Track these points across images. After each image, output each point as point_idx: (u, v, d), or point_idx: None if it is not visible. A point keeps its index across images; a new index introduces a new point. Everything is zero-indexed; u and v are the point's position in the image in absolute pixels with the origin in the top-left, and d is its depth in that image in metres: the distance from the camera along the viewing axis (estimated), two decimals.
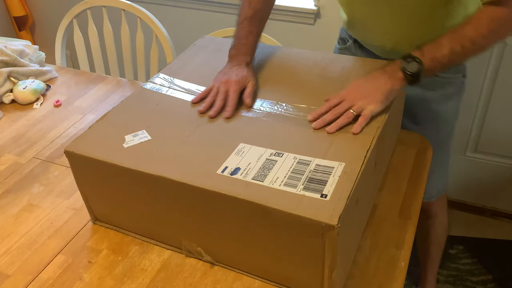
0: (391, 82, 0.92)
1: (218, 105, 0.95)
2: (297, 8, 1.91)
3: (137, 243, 0.92)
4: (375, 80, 0.93)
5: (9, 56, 1.40)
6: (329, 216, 0.69)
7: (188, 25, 2.19)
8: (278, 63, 1.12)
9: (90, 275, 0.86)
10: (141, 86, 1.06)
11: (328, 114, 0.89)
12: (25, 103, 1.36)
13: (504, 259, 1.81)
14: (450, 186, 2.00)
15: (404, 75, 0.92)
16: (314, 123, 0.88)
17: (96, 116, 1.29)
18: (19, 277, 0.87)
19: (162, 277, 0.85)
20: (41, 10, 2.55)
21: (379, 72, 0.94)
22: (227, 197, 0.75)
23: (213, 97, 0.97)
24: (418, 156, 1.10)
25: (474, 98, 1.78)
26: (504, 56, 1.66)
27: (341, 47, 1.32)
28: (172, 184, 0.79)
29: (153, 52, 1.69)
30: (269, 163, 0.81)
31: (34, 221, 0.98)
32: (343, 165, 0.79)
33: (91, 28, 1.73)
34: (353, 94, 0.91)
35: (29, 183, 1.08)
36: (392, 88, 0.91)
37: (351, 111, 0.89)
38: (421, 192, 1.01)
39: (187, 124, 0.92)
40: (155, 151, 0.86)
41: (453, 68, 1.17)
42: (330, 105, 0.91)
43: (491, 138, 1.84)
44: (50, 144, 1.20)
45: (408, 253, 0.88)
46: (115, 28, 1.75)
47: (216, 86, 1.00)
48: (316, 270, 0.75)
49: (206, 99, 0.98)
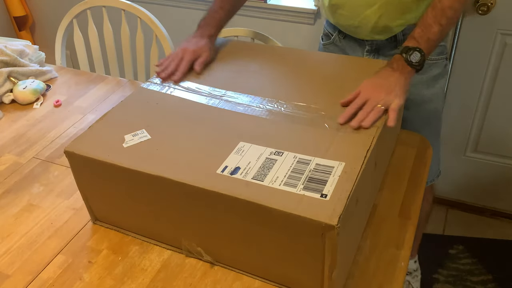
0: (403, 76, 0.97)
1: (171, 69, 1.07)
2: (297, 8, 1.91)
3: (137, 243, 0.92)
4: (390, 77, 0.97)
5: (9, 56, 1.40)
6: (329, 216, 0.69)
7: (188, 25, 2.18)
8: (278, 62, 1.12)
9: (90, 275, 0.86)
10: (141, 86, 1.06)
11: (360, 113, 0.90)
12: (25, 103, 1.36)
13: (504, 259, 1.81)
14: (450, 186, 2.01)
15: (411, 67, 0.98)
16: (353, 122, 0.89)
17: (96, 116, 1.29)
18: (19, 277, 0.87)
19: (162, 277, 0.85)
20: (41, 10, 2.55)
21: (388, 70, 0.98)
22: (227, 197, 0.75)
23: (169, 62, 1.09)
24: (418, 156, 1.10)
25: (474, 98, 1.78)
26: (504, 56, 1.66)
27: (326, 42, 1.35)
28: (172, 184, 0.79)
29: (153, 52, 1.69)
30: (269, 162, 0.81)
31: (34, 221, 0.98)
32: (343, 164, 0.79)
33: (91, 28, 1.73)
34: (375, 92, 0.94)
35: (29, 183, 1.08)
36: (405, 82, 0.97)
37: (380, 106, 0.91)
38: (421, 192, 1.01)
39: (187, 123, 0.92)
40: (155, 150, 0.86)
41: (436, 50, 1.21)
42: (357, 105, 0.92)
43: (491, 138, 1.84)
44: (50, 144, 1.20)
45: (408, 253, 0.88)
46: (115, 28, 1.75)
47: (175, 53, 1.11)
48: (316, 270, 0.75)
49: (164, 63, 1.10)
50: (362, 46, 1.26)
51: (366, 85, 0.95)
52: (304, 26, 1.95)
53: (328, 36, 1.35)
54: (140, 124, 0.93)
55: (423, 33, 1.00)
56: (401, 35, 1.19)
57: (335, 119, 0.90)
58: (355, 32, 1.24)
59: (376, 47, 1.24)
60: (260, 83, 1.04)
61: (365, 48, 1.25)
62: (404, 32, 1.19)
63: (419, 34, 1.00)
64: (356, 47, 1.27)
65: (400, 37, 1.20)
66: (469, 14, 1.61)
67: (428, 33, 1.00)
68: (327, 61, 1.12)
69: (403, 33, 1.19)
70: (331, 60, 1.13)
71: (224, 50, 1.19)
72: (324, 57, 1.16)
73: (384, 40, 1.21)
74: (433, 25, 0.99)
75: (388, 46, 1.22)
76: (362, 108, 0.91)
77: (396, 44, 1.21)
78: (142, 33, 1.68)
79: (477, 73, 1.73)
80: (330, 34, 1.33)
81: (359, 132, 0.86)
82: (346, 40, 1.29)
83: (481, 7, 1.57)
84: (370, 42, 1.24)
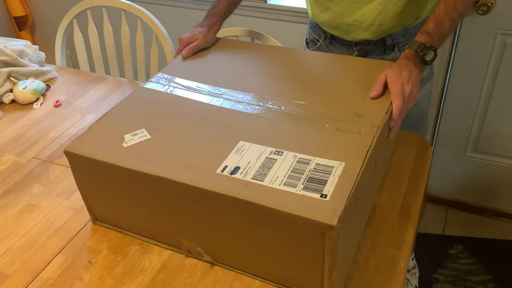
0: (420, 72, 1.01)
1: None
2: (297, 8, 1.91)
3: (137, 243, 0.92)
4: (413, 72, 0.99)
5: (9, 56, 1.40)
6: (329, 216, 0.69)
7: (188, 25, 2.18)
8: (278, 62, 1.12)
9: (90, 275, 0.86)
10: (141, 85, 1.06)
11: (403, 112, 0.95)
12: (25, 103, 1.36)
13: (504, 259, 1.81)
14: (450, 186, 2.01)
15: (424, 64, 1.01)
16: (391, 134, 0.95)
17: (96, 116, 1.29)
18: (19, 277, 0.87)
19: (162, 277, 0.85)
20: (41, 10, 2.55)
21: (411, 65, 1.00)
22: (227, 198, 0.75)
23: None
24: (418, 156, 1.10)
25: (474, 98, 1.78)
26: (504, 56, 1.66)
27: (312, 49, 1.33)
28: (172, 184, 0.79)
29: (153, 52, 1.69)
30: (268, 162, 0.81)
31: (34, 221, 0.98)
32: (343, 164, 0.79)
33: (91, 28, 1.73)
34: (407, 86, 0.96)
35: (29, 183, 1.08)
36: (421, 77, 1.02)
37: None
38: (421, 192, 1.01)
39: (187, 122, 0.92)
40: (154, 150, 0.86)
41: None
42: (400, 107, 0.94)
43: (491, 138, 1.84)
44: (50, 144, 1.20)
45: (408, 253, 0.88)
46: (115, 28, 1.75)
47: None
48: (316, 270, 0.75)
49: None
50: (350, 51, 1.24)
51: (397, 80, 0.96)
52: (304, 26, 1.94)
53: (314, 42, 1.32)
54: (140, 123, 0.93)
55: (436, 28, 1.00)
56: (390, 39, 1.19)
57: (335, 119, 0.90)
58: (346, 31, 1.20)
59: (364, 52, 1.23)
60: (260, 82, 1.04)
61: (354, 53, 1.24)
62: (393, 37, 1.18)
63: (433, 30, 1.00)
64: (344, 52, 1.25)
65: (389, 41, 1.19)
66: (469, 14, 1.61)
67: (441, 28, 1.00)
68: (327, 61, 1.12)
69: (392, 37, 1.18)
70: (331, 60, 1.13)
71: (224, 49, 1.19)
72: (325, 57, 1.16)
73: (373, 45, 1.20)
74: (446, 20, 1.00)
75: (377, 51, 1.21)
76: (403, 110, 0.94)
77: (385, 49, 1.20)
78: (142, 33, 1.68)
79: (477, 73, 1.73)
80: (316, 40, 1.31)
81: (359, 132, 0.86)
82: (333, 45, 1.27)
83: (481, 7, 1.57)
84: (358, 47, 1.22)
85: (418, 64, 1.01)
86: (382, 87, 0.95)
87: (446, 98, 1.81)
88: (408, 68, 0.98)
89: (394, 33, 1.18)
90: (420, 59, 1.00)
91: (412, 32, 1.17)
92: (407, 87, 0.95)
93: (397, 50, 1.20)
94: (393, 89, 0.94)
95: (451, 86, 1.78)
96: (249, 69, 1.10)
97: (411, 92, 0.95)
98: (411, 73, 0.98)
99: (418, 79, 0.99)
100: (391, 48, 1.20)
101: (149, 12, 1.65)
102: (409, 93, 0.95)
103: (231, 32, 1.55)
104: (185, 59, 1.15)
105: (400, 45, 1.19)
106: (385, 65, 1.04)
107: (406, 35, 1.18)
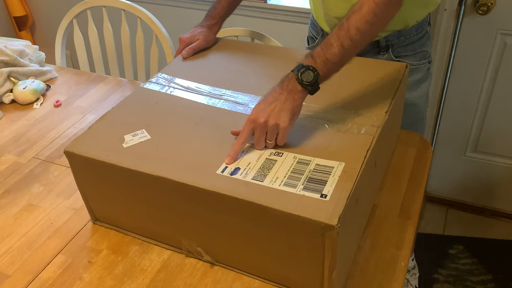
0: (291, 97, 0.86)
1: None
2: (297, 8, 1.91)
3: (137, 243, 0.92)
4: (276, 101, 0.87)
5: (9, 56, 1.40)
6: (329, 216, 0.69)
7: (188, 25, 2.18)
8: (278, 62, 1.12)
9: (90, 275, 0.86)
10: (141, 86, 1.06)
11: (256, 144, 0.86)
12: (25, 103, 1.36)
13: (504, 259, 1.81)
14: (450, 186, 2.01)
15: (302, 87, 0.86)
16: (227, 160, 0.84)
17: (96, 116, 1.29)
18: (19, 277, 0.87)
19: (162, 277, 0.85)
20: (41, 10, 2.55)
21: (278, 91, 0.88)
22: (227, 198, 0.75)
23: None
24: (418, 156, 1.10)
25: (474, 98, 1.78)
26: (504, 56, 1.66)
27: (310, 46, 1.34)
28: (172, 184, 0.79)
29: (153, 52, 1.69)
30: (268, 163, 0.81)
31: (34, 221, 0.98)
32: (343, 165, 0.79)
33: (91, 28, 1.73)
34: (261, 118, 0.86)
35: (29, 183, 1.08)
36: (294, 103, 0.86)
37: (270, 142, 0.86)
38: (421, 192, 1.01)
39: (187, 122, 0.92)
40: (154, 150, 0.86)
41: (419, 56, 1.20)
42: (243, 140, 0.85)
43: (491, 138, 1.84)
44: (50, 144, 1.20)
45: (408, 253, 0.88)
46: (115, 28, 1.75)
47: None
48: (316, 270, 0.75)
49: None
50: None
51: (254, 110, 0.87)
52: (304, 26, 1.94)
53: (313, 39, 1.33)
54: (140, 124, 0.93)
55: (322, 52, 0.87)
56: (384, 41, 1.18)
57: (335, 119, 0.90)
58: None
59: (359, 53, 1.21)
60: (260, 83, 1.04)
61: None
62: (387, 38, 1.18)
63: (318, 53, 0.88)
64: None
65: (383, 43, 1.18)
66: (469, 14, 1.62)
67: (327, 53, 0.87)
68: None
69: (386, 39, 1.18)
70: None
71: (224, 49, 1.19)
72: None
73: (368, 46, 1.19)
74: (334, 45, 0.87)
75: (371, 51, 1.20)
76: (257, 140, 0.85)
77: (378, 50, 1.20)
78: (142, 33, 1.68)
79: (477, 73, 1.73)
80: (315, 37, 1.32)
81: (359, 132, 0.86)
82: None
83: (481, 7, 1.57)
84: None
85: (292, 88, 0.87)
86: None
87: (446, 98, 1.81)
88: (274, 95, 0.88)
89: (388, 35, 1.17)
90: (296, 79, 0.86)
91: (406, 35, 1.17)
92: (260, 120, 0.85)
93: (391, 51, 1.19)
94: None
95: (451, 86, 1.78)
96: (249, 69, 1.10)
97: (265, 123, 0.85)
98: (273, 102, 0.87)
99: (282, 109, 0.86)
100: (385, 49, 1.19)
101: (149, 12, 1.65)
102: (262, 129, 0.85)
103: (231, 32, 1.55)
104: (185, 59, 1.15)
105: (395, 47, 1.19)
106: (384, 64, 1.04)
107: (401, 37, 1.18)
